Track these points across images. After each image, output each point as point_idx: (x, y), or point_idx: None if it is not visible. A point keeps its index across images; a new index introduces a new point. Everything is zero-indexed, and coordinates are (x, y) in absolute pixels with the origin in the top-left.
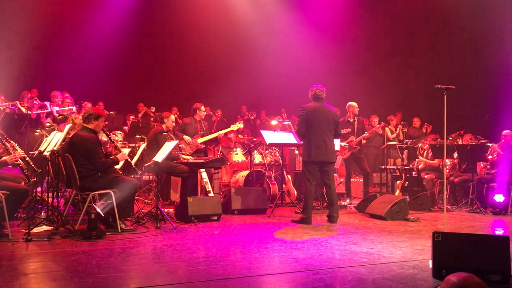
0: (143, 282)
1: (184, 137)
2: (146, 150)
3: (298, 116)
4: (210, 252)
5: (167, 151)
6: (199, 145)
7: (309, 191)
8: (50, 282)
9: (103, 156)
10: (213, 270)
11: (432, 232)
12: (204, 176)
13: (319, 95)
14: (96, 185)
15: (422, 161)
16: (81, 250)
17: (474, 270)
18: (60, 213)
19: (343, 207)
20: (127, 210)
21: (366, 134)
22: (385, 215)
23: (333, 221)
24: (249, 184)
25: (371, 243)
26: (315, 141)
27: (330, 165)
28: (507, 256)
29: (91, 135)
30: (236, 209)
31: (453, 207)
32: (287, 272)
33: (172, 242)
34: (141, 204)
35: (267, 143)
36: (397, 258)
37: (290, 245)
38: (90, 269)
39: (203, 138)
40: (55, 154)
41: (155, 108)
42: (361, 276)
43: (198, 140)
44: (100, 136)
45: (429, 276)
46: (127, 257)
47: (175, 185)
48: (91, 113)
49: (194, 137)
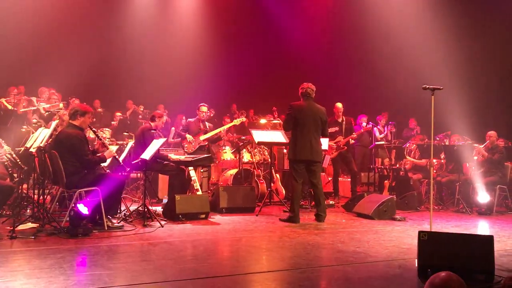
0: (130, 280)
1: (187, 136)
2: (133, 147)
3: (286, 114)
4: (197, 250)
5: (155, 148)
6: (201, 142)
7: (296, 190)
8: (35, 279)
9: (89, 153)
10: (200, 268)
11: (418, 232)
12: (192, 174)
13: (308, 94)
14: (83, 182)
15: (410, 161)
16: (67, 248)
17: (459, 269)
18: (46, 210)
19: (330, 206)
20: (114, 207)
21: (354, 134)
22: (372, 214)
23: (320, 220)
24: (237, 182)
25: (358, 242)
26: (301, 140)
27: (316, 164)
28: (491, 256)
29: (78, 132)
30: (224, 208)
31: (440, 206)
32: (274, 270)
33: (159, 240)
34: (128, 202)
35: (256, 142)
36: (383, 257)
37: (278, 244)
38: (75, 266)
39: (206, 135)
40: (42, 150)
41: (143, 106)
42: (347, 275)
43: (201, 137)
44: (88, 133)
45: (414, 275)
46: (113, 255)
47: (163, 183)
48: (77, 109)
49: (197, 135)
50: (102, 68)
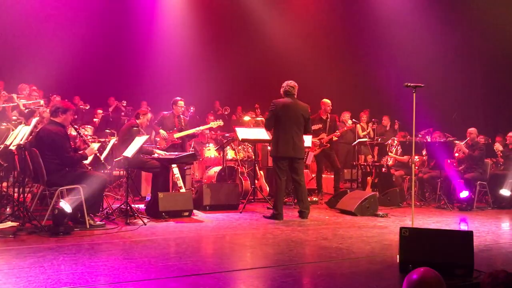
0: (112, 278)
1: (160, 131)
2: (117, 145)
3: (268, 111)
4: (180, 248)
5: (137, 145)
6: (175, 139)
7: (279, 187)
8: (14, 279)
9: (71, 150)
10: (184, 266)
11: (400, 228)
12: (175, 172)
13: (290, 91)
14: (64, 180)
15: (392, 158)
16: (47, 247)
17: (439, 264)
18: (26, 209)
19: (314, 202)
20: (96, 205)
21: (337, 132)
22: (355, 210)
23: (304, 217)
24: (221, 179)
25: (340, 239)
26: (283, 137)
27: (299, 161)
28: (470, 251)
29: (59, 129)
30: (208, 205)
31: (421, 203)
32: (257, 267)
33: (142, 238)
34: (111, 200)
35: (240, 139)
36: (365, 253)
37: (261, 241)
38: (56, 265)
39: (180, 133)
40: (22, 148)
41: (126, 102)
42: (330, 271)
43: (175, 135)
44: (69, 131)
45: (396, 271)
46: (95, 253)
47: (146, 181)
48: (58, 106)
49: (171, 132)
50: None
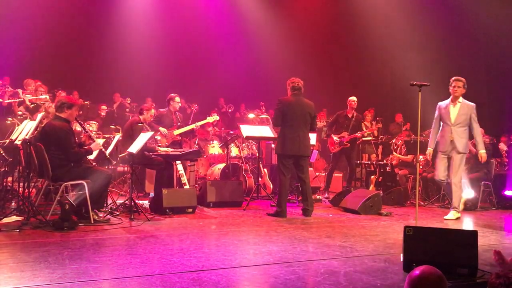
0: (115, 273)
1: (160, 128)
2: (121, 141)
3: (274, 109)
4: (184, 244)
5: (142, 142)
6: (175, 137)
7: (283, 184)
8: (19, 273)
9: (76, 145)
10: (187, 262)
11: (404, 227)
12: (179, 168)
13: (296, 88)
14: (69, 175)
15: (396, 157)
16: (52, 241)
17: (443, 264)
18: (31, 203)
19: (317, 200)
20: (100, 201)
21: (359, 134)
22: (359, 209)
23: (307, 215)
24: (225, 176)
25: (344, 237)
26: (290, 134)
27: (305, 159)
28: (474, 250)
29: (64, 124)
30: (212, 202)
31: (425, 202)
32: (260, 264)
33: (145, 234)
34: (115, 196)
35: (244, 136)
36: (369, 252)
37: (265, 238)
38: (61, 260)
39: (179, 130)
40: (27, 143)
41: (130, 99)
42: (333, 269)
43: (174, 132)
44: (74, 126)
45: (400, 269)
46: (99, 248)
47: (150, 177)
48: (64, 101)
49: (170, 129)
50: (89, 61)
